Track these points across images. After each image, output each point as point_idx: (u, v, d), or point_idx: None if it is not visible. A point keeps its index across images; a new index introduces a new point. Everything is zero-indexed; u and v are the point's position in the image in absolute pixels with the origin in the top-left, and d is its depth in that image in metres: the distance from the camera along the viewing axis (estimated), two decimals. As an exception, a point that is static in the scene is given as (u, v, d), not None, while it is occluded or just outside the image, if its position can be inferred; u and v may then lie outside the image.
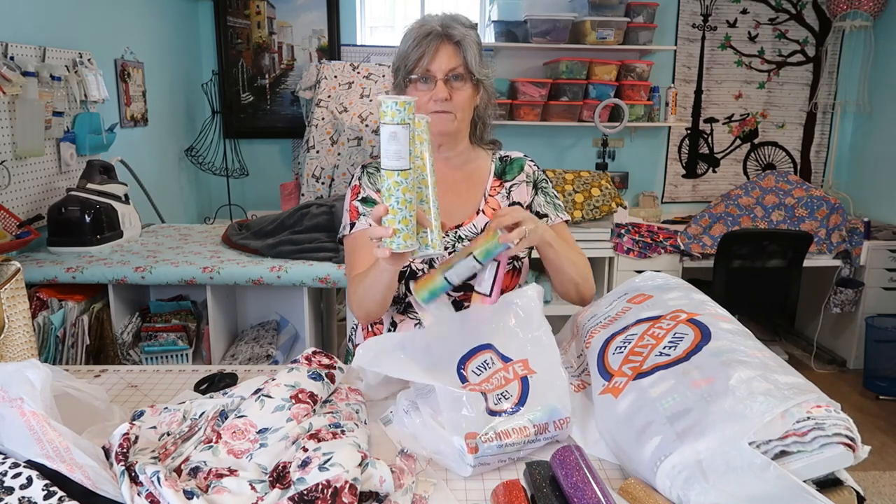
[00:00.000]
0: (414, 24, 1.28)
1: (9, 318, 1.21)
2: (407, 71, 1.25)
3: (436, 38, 1.23)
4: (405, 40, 1.27)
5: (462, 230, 1.35)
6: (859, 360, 3.60)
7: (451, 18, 1.26)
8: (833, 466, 0.79)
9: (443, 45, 1.24)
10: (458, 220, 1.36)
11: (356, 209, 1.36)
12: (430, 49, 1.22)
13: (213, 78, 3.81)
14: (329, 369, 1.09)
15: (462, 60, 1.25)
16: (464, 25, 1.27)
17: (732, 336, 0.97)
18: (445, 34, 1.24)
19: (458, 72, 1.25)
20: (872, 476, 2.67)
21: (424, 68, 1.24)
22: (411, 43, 1.24)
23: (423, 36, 1.23)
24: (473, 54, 1.26)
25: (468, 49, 1.25)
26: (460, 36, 1.24)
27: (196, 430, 0.97)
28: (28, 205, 2.22)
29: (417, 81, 1.25)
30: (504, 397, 1.02)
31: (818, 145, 4.24)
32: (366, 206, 1.36)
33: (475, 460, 0.93)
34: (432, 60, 1.23)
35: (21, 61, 2.11)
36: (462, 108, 1.28)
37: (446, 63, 1.24)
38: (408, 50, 1.25)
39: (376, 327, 1.41)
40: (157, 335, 2.12)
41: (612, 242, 3.41)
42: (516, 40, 3.68)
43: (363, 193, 1.37)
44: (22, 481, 0.78)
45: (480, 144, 1.42)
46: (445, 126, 1.28)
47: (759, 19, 4.03)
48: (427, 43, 1.22)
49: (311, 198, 3.21)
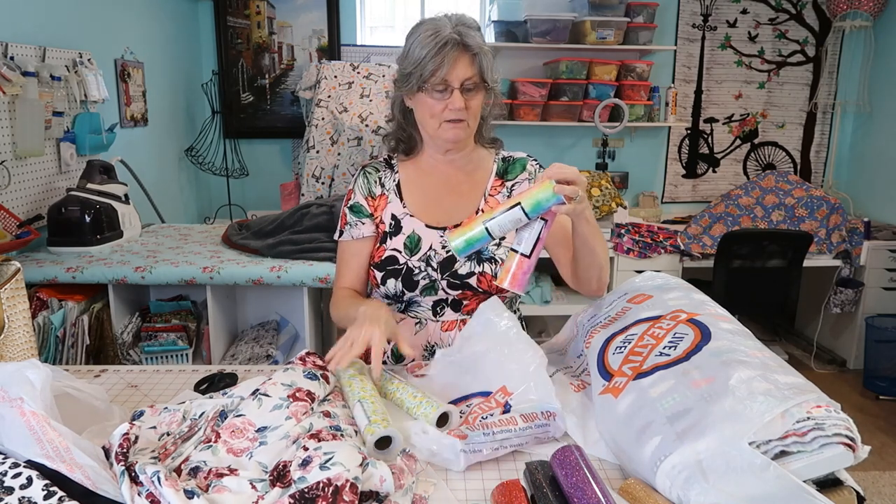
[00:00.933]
0: (426, 29, 1.24)
1: (9, 318, 1.21)
2: (422, 79, 1.24)
3: (454, 47, 1.21)
4: (419, 46, 1.24)
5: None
6: (859, 360, 3.60)
7: (462, 24, 1.25)
8: (833, 466, 0.79)
9: (461, 55, 1.23)
10: (458, 220, 1.36)
11: (345, 216, 1.40)
12: (448, 59, 1.21)
13: (213, 78, 3.81)
14: (323, 370, 1.09)
15: (478, 70, 1.24)
16: (475, 30, 1.26)
17: (732, 336, 0.97)
18: (463, 43, 1.22)
19: (473, 81, 1.24)
20: (872, 476, 2.67)
21: (441, 78, 1.22)
22: (428, 52, 1.22)
23: (441, 45, 1.21)
24: (489, 63, 1.25)
25: (484, 58, 1.24)
26: (476, 47, 1.23)
27: (196, 430, 0.97)
28: (28, 205, 2.22)
29: (433, 90, 1.24)
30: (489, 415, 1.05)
31: (818, 145, 4.24)
32: (352, 214, 1.39)
33: (466, 446, 0.95)
34: (450, 71, 1.22)
35: (21, 61, 2.11)
36: (475, 115, 1.29)
37: (463, 73, 1.23)
38: (424, 59, 1.22)
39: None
40: (157, 335, 2.12)
41: (612, 242, 3.41)
42: (516, 40, 3.68)
43: (353, 199, 1.40)
44: (22, 481, 0.78)
45: (483, 144, 1.42)
46: (459, 134, 1.29)
47: (759, 19, 4.03)
48: (445, 53, 1.21)
49: (311, 198, 3.21)
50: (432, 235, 1.35)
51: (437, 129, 1.29)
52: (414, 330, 1.37)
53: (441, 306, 1.36)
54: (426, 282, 1.33)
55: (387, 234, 1.37)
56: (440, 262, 1.33)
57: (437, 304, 1.36)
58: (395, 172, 1.40)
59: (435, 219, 1.36)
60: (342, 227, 1.40)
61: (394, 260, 1.35)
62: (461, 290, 1.33)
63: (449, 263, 1.32)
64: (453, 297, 1.34)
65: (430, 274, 1.33)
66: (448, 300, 1.35)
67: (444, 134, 1.29)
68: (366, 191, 1.39)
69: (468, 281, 1.32)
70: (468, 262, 1.32)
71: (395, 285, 1.34)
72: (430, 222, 1.36)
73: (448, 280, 1.32)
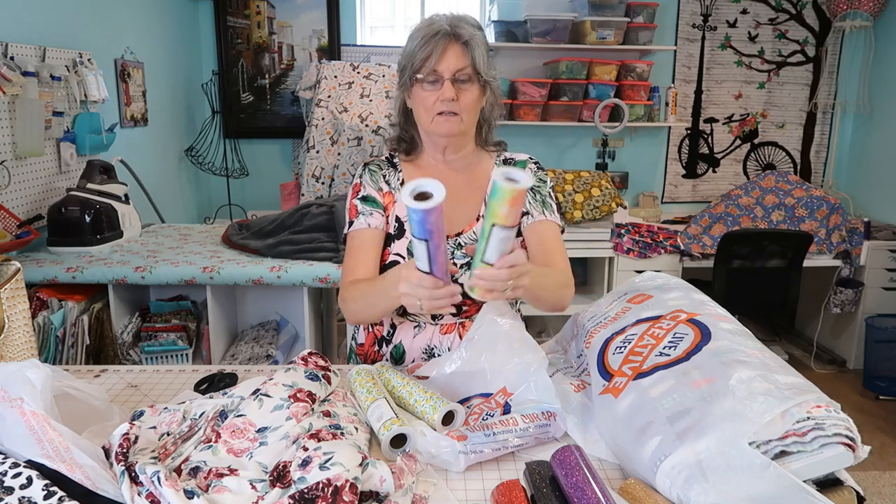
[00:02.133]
0: (421, 24, 1.25)
1: (9, 318, 1.21)
2: (413, 70, 1.23)
3: (444, 37, 1.20)
4: (412, 39, 1.24)
5: (462, 237, 1.33)
6: (859, 360, 3.60)
7: (459, 18, 1.24)
8: (833, 466, 0.79)
9: (451, 44, 1.21)
10: (459, 228, 1.34)
11: (355, 207, 1.36)
12: (437, 48, 1.20)
13: (213, 78, 3.81)
14: (325, 371, 1.09)
15: (470, 61, 1.22)
16: (472, 26, 1.25)
17: (732, 336, 0.97)
18: (453, 33, 1.21)
19: (465, 72, 1.22)
20: (872, 476, 2.67)
21: (431, 68, 1.21)
22: (418, 42, 1.22)
23: (431, 35, 1.20)
24: (481, 54, 1.23)
25: (476, 49, 1.23)
26: (468, 36, 1.21)
27: (196, 430, 0.97)
28: (28, 205, 2.22)
29: (424, 82, 1.23)
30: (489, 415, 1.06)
31: (818, 145, 4.24)
32: (365, 204, 1.35)
33: (466, 447, 0.95)
34: (440, 60, 1.21)
35: (21, 61, 2.11)
36: (468, 109, 1.26)
37: (454, 63, 1.21)
38: (415, 49, 1.22)
39: (377, 328, 1.41)
40: (157, 335, 2.12)
41: (612, 242, 3.41)
42: (516, 40, 3.68)
43: (363, 192, 1.37)
44: (22, 481, 0.78)
45: (485, 147, 1.40)
46: (452, 128, 1.26)
47: (759, 19, 4.03)
48: (435, 42, 1.20)
49: (311, 198, 3.21)
50: None
51: (431, 123, 1.26)
52: (413, 333, 1.36)
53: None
54: None
55: (391, 237, 1.35)
56: None
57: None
58: (398, 171, 1.38)
59: None
60: (353, 217, 1.35)
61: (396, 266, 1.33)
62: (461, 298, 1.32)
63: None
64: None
65: None
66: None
67: (437, 128, 1.26)
68: (375, 186, 1.36)
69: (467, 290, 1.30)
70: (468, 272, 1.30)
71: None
72: None
73: None
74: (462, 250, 1.32)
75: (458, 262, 1.32)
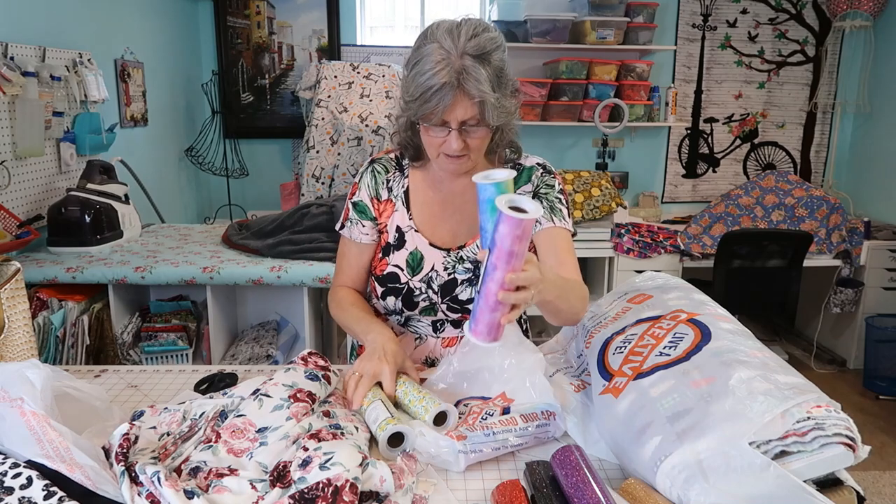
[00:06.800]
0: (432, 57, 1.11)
1: (9, 318, 1.21)
2: (419, 116, 1.16)
3: (451, 89, 1.10)
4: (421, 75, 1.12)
5: (465, 251, 1.30)
6: (859, 359, 3.60)
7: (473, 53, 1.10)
8: (833, 466, 0.79)
9: (460, 97, 1.12)
10: (462, 241, 1.31)
11: (348, 210, 1.35)
12: (444, 101, 1.11)
13: (213, 78, 3.81)
14: (325, 371, 1.09)
15: (478, 110, 1.14)
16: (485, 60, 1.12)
17: (732, 336, 0.97)
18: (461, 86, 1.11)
19: (474, 119, 1.15)
20: (872, 476, 2.67)
21: (439, 118, 1.14)
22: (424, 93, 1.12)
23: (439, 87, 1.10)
24: (492, 107, 1.14)
25: (485, 103, 1.13)
26: (477, 95, 1.11)
27: (196, 430, 0.97)
28: (28, 205, 2.22)
29: (430, 127, 1.17)
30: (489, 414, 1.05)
31: (818, 145, 4.24)
32: (355, 211, 1.34)
33: (466, 446, 0.95)
34: (448, 111, 1.13)
35: (21, 61, 2.11)
36: (477, 149, 1.20)
37: (462, 114, 1.14)
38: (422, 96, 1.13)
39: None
40: (157, 335, 2.12)
41: (612, 242, 3.41)
42: (516, 40, 3.68)
43: (357, 196, 1.34)
44: (22, 481, 0.78)
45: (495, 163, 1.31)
46: (459, 168, 1.22)
47: (759, 19, 4.03)
48: (443, 96, 1.11)
49: (311, 198, 3.21)
50: (435, 255, 1.30)
51: (437, 159, 1.23)
52: (414, 345, 1.36)
53: (441, 324, 1.34)
54: (426, 303, 1.30)
55: (390, 247, 1.32)
56: (441, 285, 1.29)
57: (438, 322, 1.34)
58: (404, 177, 1.33)
59: (439, 238, 1.31)
60: (344, 220, 1.35)
61: (395, 278, 1.31)
62: (461, 313, 1.31)
63: (450, 287, 1.29)
64: (454, 318, 1.32)
65: (430, 296, 1.30)
66: (448, 319, 1.33)
67: (443, 165, 1.23)
68: (373, 191, 1.33)
69: (469, 306, 1.28)
70: (469, 288, 1.28)
71: (395, 303, 1.31)
72: (434, 241, 1.30)
73: (448, 304, 1.30)
74: (463, 264, 1.30)
75: (460, 278, 1.29)
